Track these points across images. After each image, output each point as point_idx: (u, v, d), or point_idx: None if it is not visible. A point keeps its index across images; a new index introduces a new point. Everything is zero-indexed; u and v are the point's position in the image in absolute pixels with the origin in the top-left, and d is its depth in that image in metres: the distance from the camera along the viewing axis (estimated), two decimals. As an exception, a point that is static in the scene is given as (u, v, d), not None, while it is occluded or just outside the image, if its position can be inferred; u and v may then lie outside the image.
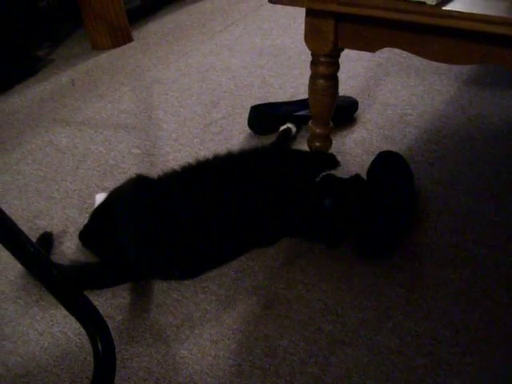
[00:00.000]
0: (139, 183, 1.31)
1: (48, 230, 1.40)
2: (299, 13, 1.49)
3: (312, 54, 1.34)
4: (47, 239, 1.37)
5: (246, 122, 1.78)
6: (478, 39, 1.10)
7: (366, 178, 1.39)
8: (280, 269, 1.26)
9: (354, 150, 1.64)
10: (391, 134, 1.70)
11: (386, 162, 1.43)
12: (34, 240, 0.93)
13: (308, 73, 1.38)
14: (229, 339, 1.11)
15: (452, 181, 1.48)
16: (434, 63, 2.04)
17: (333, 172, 1.36)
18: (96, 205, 1.39)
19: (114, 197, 1.34)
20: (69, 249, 1.36)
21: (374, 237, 1.26)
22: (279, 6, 1.23)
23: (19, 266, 1.25)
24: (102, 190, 1.53)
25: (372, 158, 1.42)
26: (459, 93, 1.90)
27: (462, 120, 1.75)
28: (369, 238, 1.26)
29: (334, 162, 1.41)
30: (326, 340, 1.09)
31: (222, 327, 1.13)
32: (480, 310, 1.13)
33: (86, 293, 0.97)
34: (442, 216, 1.37)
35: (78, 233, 1.38)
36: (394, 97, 1.91)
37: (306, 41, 1.31)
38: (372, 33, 1.23)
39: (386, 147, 1.60)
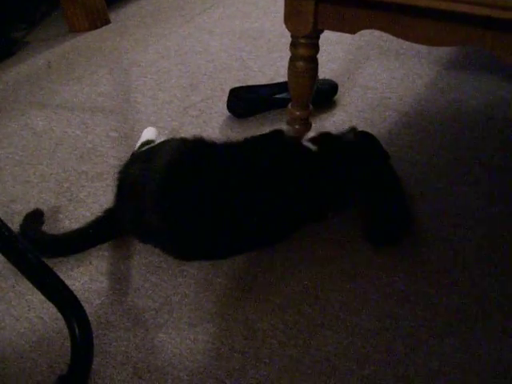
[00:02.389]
0: (197, 149, 1.26)
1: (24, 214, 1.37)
2: (279, -6, 1.48)
3: (291, 36, 1.33)
4: (37, 216, 1.36)
5: (226, 105, 1.76)
6: (459, 21, 1.09)
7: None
8: (259, 252, 1.25)
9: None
10: (371, 117, 1.70)
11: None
12: (10, 224, 0.91)
13: (288, 55, 1.37)
14: (208, 323, 1.10)
15: (431, 164, 1.48)
16: (414, 47, 2.05)
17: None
18: (141, 140, 1.40)
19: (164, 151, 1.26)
20: (45, 233, 1.34)
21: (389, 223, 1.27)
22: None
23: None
24: (79, 174, 1.51)
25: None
26: (439, 76, 1.90)
27: (442, 103, 1.75)
28: (383, 225, 1.27)
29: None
30: (305, 323, 1.09)
31: (201, 311, 1.13)
32: (458, 291, 1.13)
33: (62, 277, 0.96)
34: (421, 199, 1.37)
35: (54, 216, 1.36)
36: (374, 80, 1.90)
37: (285, 22, 1.30)
38: (352, 14, 1.22)
39: (366, 130, 1.60)
